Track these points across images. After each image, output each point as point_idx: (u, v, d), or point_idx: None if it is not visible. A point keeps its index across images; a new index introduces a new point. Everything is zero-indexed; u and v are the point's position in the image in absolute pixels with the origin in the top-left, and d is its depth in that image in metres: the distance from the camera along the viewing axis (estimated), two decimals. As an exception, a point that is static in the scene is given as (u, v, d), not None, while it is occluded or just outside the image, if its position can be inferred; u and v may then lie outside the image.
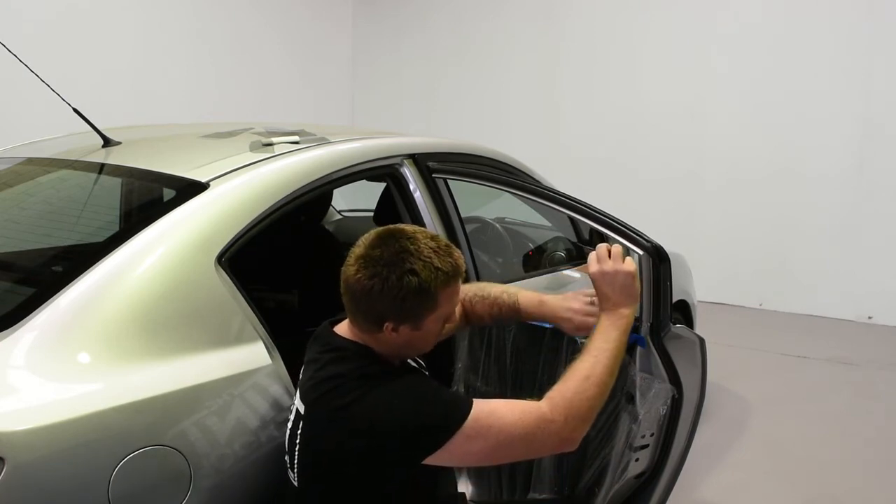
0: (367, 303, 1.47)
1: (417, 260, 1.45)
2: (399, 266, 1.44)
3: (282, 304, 2.76)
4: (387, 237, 1.49)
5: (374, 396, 1.42)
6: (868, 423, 3.95)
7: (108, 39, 6.05)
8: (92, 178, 2.20)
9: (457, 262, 1.51)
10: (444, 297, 1.49)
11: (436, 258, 1.47)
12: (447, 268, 1.48)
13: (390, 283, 1.44)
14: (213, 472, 1.52)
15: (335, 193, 3.09)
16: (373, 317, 1.48)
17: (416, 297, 1.45)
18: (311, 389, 1.50)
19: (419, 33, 7.96)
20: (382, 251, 1.47)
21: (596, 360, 1.54)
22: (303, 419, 1.50)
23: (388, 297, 1.44)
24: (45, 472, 1.31)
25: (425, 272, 1.45)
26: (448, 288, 1.49)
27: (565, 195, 2.10)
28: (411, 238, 1.49)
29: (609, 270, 1.66)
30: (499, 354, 2.16)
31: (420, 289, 1.44)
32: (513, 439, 1.44)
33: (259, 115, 6.73)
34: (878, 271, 5.80)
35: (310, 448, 1.49)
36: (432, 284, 1.45)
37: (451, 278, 1.49)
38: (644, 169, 6.69)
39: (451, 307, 1.54)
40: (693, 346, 1.97)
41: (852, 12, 5.79)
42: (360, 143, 2.22)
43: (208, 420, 1.52)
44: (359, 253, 1.49)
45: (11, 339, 1.43)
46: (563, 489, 2.03)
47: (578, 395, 1.48)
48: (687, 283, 3.81)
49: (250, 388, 1.62)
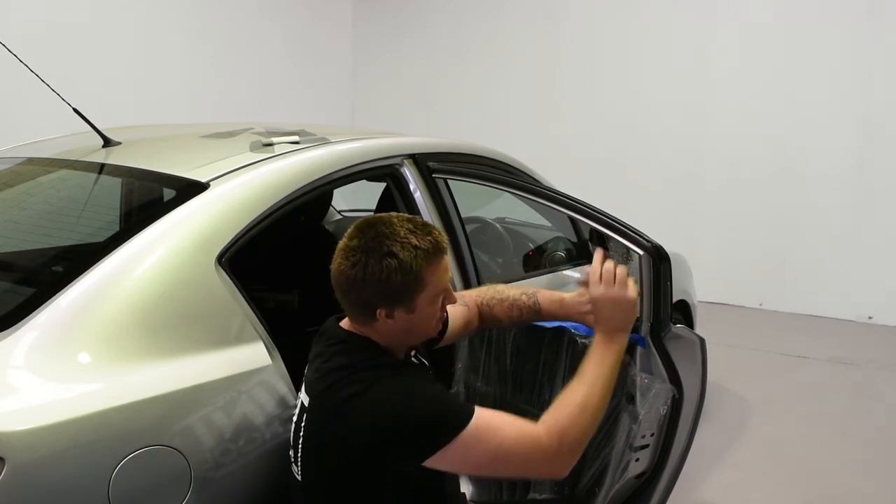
0: (354, 293, 1.48)
1: (395, 242, 1.46)
2: (377, 251, 1.45)
3: (282, 304, 2.76)
4: (364, 227, 1.51)
5: (377, 391, 1.42)
6: (868, 423, 3.95)
7: (108, 40, 6.05)
8: (92, 178, 2.20)
9: (437, 239, 1.51)
10: (429, 275, 1.49)
11: (413, 238, 1.47)
12: (426, 245, 1.48)
13: (370, 268, 1.45)
14: (213, 472, 1.52)
15: (335, 193, 3.09)
16: (363, 306, 1.49)
17: (399, 278, 1.45)
18: (316, 381, 1.50)
19: (419, 33, 7.96)
20: (360, 240, 1.48)
21: (591, 388, 1.53)
22: (307, 411, 1.51)
23: (371, 282, 1.45)
24: (45, 472, 1.31)
25: (404, 252, 1.45)
26: (431, 265, 1.49)
27: (565, 195, 2.10)
28: (387, 223, 1.50)
29: (614, 296, 1.64)
30: (499, 355, 2.16)
31: (401, 268, 1.45)
32: (508, 456, 1.44)
33: (259, 115, 6.73)
34: (878, 271, 5.80)
35: (312, 441, 1.49)
36: (413, 264, 1.46)
37: (433, 255, 1.49)
38: (644, 169, 6.69)
39: (440, 285, 1.53)
40: (693, 346, 1.97)
41: (852, 13, 5.79)
42: (360, 143, 2.22)
43: (208, 420, 1.52)
44: (340, 246, 1.51)
45: (11, 339, 1.43)
46: (563, 489, 2.03)
47: (573, 426, 1.47)
48: (687, 283, 3.81)
49: (250, 388, 1.62)
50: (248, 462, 1.59)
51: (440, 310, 1.57)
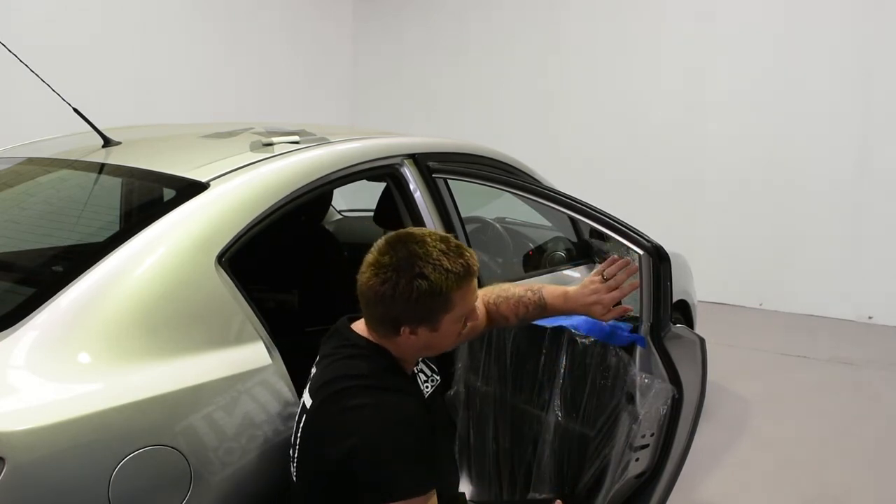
0: (381, 308, 1.48)
1: (427, 264, 1.45)
2: (409, 271, 1.44)
3: (282, 304, 2.76)
4: (395, 242, 1.50)
5: (372, 415, 1.41)
6: (868, 423, 3.94)
7: (108, 39, 6.05)
8: (92, 178, 2.20)
9: (468, 262, 1.50)
10: (457, 298, 1.49)
11: (445, 260, 1.46)
12: (458, 269, 1.47)
13: (401, 287, 1.44)
14: (213, 472, 1.52)
15: (335, 193, 3.09)
16: (389, 322, 1.49)
17: (428, 300, 1.45)
18: (321, 386, 1.50)
19: (419, 33, 7.96)
20: (391, 257, 1.47)
21: None
22: (307, 413, 1.51)
23: (400, 301, 1.45)
24: (45, 472, 1.31)
25: (435, 275, 1.44)
26: (461, 289, 1.49)
27: (565, 195, 2.10)
28: (420, 242, 1.49)
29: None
30: (499, 354, 2.16)
31: (431, 292, 1.44)
32: None
33: (260, 115, 6.73)
34: (878, 271, 5.80)
35: (307, 444, 1.49)
36: (444, 286, 1.45)
37: (463, 279, 1.49)
38: (644, 169, 6.69)
39: (467, 306, 1.53)
40: (693, 345, 1.97)
41: (853, 14, 5.79)
42: (360, 143, 2.22)
43: (208, 420, 1.52)
44: (370, 260, 1.50)
45: (11, 339, 1.43)
46: (563, 489, 2.03)
47: None
48: (687, 283, 3.81)
49: (250, 388, 1.62)
50: (248, 462, 1.59)
51: (462, 327, 1.56)
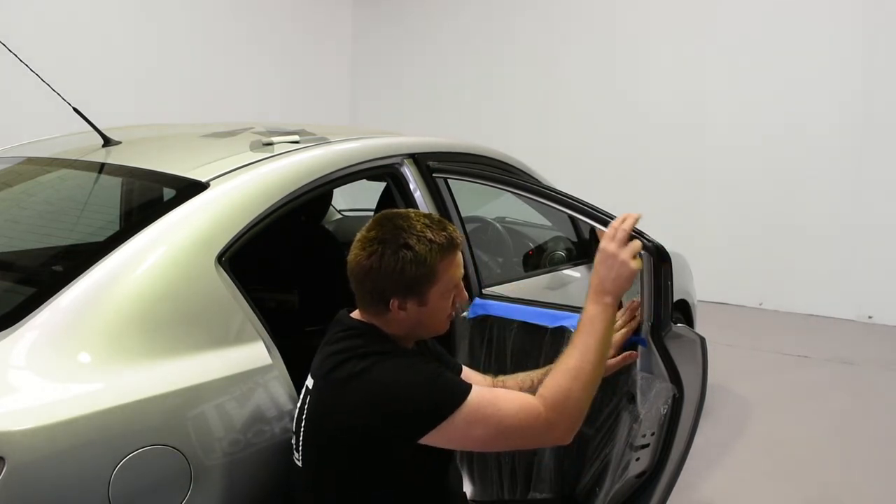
0: (369, 282, 1.52)
1: (411, 235, 1.51)
2: (394, 242, 1.51)
3: (282, 304, 2.76)
4: (382, 219, 1.57)
5: (377, 371, 1.46)
6: (868, 423, 3.95)
7: (108, 39, 6.06)
8: (92, 178, 2.20)
9: (451, 235, 1.56)
10: (442, 269, 1.54)
11: (429, 232, 1.53)
12: (441, 240, 1.53)
13: (386, 258, 1.50)
14: (213, 471, 1.52)
15: (335, 193, 3.09)
16: (377, 296, 1.53)
17: (413, 269, 1.50)
18: (322, 363, 1.54)
19: (419, 34, 7.96)
20: (377, 231, 1.54)
21: (583, 357, 1.55)
22: (310, 393, 1.53)
23: (386, 272, 1.50)
24: (45, 472, 1.31)
25: (419, 245, 1.51)
26: (444, 259, 1.54)
27: (565, 194, 2.10)
28: (404, 217, 1.56)
29: (613, 253, 1.64)
30: (499, 354, 2.16)
31: (416, 260, 1.50)
32: (510, 430, 1.48)
33: (259, 115, 6.74)
34: (878, 271, 5.81)
35: (314, 422, 1.51)
36: (428, 257, 1.51)
37: (447, 249, 1.54)
38: (645, 168, 6.70)
39: (452, 280, 1.57)
40: (694, 345, 1.97)
41: (852, 14, 5.79)
42: (360, 143, 2.22)
43: (208, 420, 1.52)
44: (357, 237, 1.57)
45: (11, 339, 1.43)
46: (563, 488, 2.03)
47: (570, 394, 1.51)
48: (687, 283, 3.81)
49: (250, 387, 1.62)
50: (248, 461, 1.59)
51: (451, 306, 1.61)
